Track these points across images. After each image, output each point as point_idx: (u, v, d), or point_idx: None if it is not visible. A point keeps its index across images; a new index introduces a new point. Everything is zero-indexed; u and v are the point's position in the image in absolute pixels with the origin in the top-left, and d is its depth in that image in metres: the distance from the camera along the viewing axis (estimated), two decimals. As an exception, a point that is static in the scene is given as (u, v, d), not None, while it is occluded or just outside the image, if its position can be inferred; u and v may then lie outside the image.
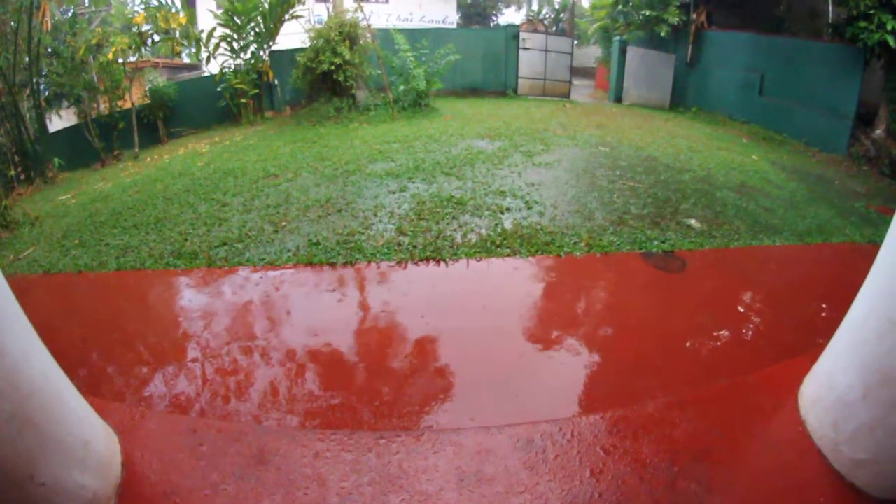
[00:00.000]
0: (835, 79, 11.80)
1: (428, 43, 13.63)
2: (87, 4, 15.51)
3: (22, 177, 11.16)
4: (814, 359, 2.23)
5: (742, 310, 3.67)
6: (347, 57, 11.82)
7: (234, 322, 3.44)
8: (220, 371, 2.93)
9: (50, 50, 12.45)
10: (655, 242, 4.45)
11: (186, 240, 4.84)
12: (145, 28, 13.33)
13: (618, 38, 17.80)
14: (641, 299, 3.73)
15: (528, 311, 3.49)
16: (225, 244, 4.60)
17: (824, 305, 3.67)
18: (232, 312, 3.56)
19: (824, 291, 3.93)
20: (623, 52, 17.24)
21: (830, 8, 14.73)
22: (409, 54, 12.85)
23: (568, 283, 3.92)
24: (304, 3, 14.69)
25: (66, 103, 13.57)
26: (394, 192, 5.56)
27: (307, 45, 12.51)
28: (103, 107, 13.45)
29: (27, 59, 11.72)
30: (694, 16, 16.39)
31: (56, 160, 11.61)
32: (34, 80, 12.17)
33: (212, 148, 10.53)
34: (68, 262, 4.81)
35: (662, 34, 16.42)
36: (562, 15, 33.98)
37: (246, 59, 14.27)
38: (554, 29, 31.80)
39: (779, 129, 12.57)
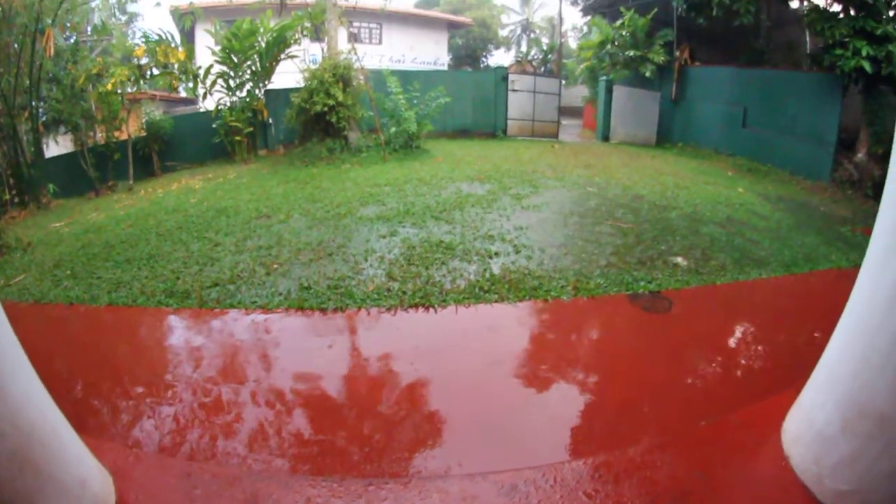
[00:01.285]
0: (815, 107, 12.16)
1: (419, 85, 13.87)
2: (89, 33, 15.80)
3: (16, 200, 11.19)
4: (798, 393, 2.31)
5: (728, 347, 3.75)
6: (340, 98, 12.07)
7: (225, 365, 3.48)
8: (212, 414, 2.96)
9: (51, 75, 12.60)
10: (642, 283, 4.53)
11: (179, 278, 4.90)
12: (144, 61, 13.54)
13: (604, 77, 18.19)
14: (627, 342, 3.80)
15: (516, 358, 3.55)
16: (217, 285, 4.66)
17: (811, 336, 3.74)
18: (224, 355, 3.61)
19: (810, 322, 4.02)
20: (609, 92, 17.60)
21: (808, 38, 15.26)
22: (401, 96, 13.09)
23: (555, 329, 4.00)
24: (299, 44, 15.05)
25: (63, 129, 13.69)
26: (384, 237, 5.65)
27: (302, 84, 12.78)
28: (100, 136, 13.57)
29: (28, 82, 11.85)
30: (677, 53, 16.86)
31: (51, 186, 11.62)
32: (33, 104, 12.31)
33: (205, 184, 10.65)
34: (60, 293, 4.87)
35: (647, 73, 16.86)
36: (549, 56, 34.72)
37: (241, 97, 14.51)
38: (542, 70, 32.43)
39: (763, 159, 12.84)
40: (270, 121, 14.96)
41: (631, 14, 17.27)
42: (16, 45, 11.60)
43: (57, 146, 14.49)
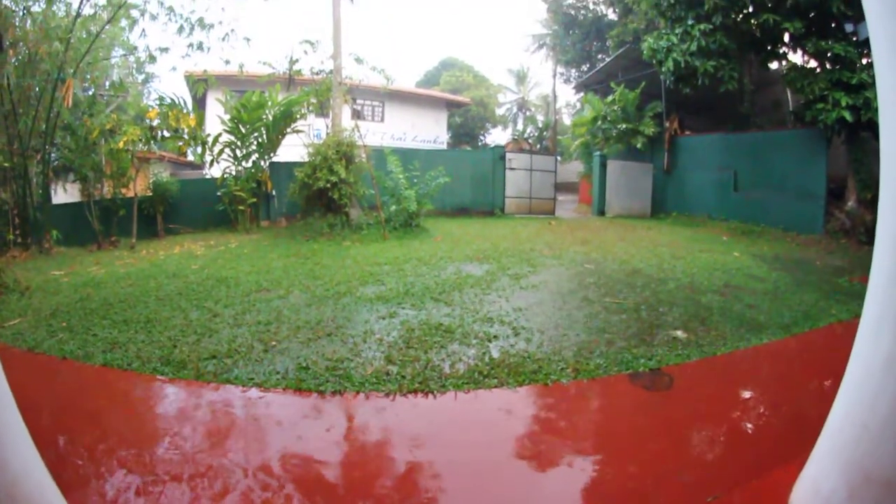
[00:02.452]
0: (802, 162, 12.54)
1: (419, 164, 14.27)
2: (107, 87, 16.47)
3: (19, 240, 11.38)
4: (804, 462, 2.27)
5: (731, 420, 3.68)
6: (343, 175, 12.38)
7: (218, 442, 3.40)
8: (199, 494, 2.87)
9: (66, 123, 12.87)
10: (642, 361, 4.50)
11: (175, 346, 4.87)
12: (156, 123, 13.97)
13: (598, 153, 18.71)
14: (629, 423, 3.74)
15: (516, 444, 3.49)
16: (214, 357, 4.62)
17: (815, 400, 3.72)
18: (216, 432, 3.53)
19: (814, 384, 4.01)
20: (603, 166, 18.05)
21: (789, 97, 15.84)
22: (402, 175, 13.42)
23: (555, 414, 3.95)
24: (305, 119, 15.59)
25: (72, 177, 13.93)
26: (383, 318, 5.66)
27: (306, 158, 13.11)
28: (107, 190, 13.80)
29: (44, 127, 12.20)
30: (667, 124, 17.46)
31: (55, 232, 11.80)
32: (46, 149, 12.61)
33: (207, 251, 10.78)
34: (54, 345, 4.87)
35: (639, 146, 17.40)
36: (545, 133, 35.81)
37: (247, 168, 14.97)
38: (538, 147, 33.34)
39: (756, 220, 13.09)
40: (274, 193, 15.34)
41: (621, 89, 17.98)
42: (37, 89, 12.11)
43: (65, 193, 14.86)
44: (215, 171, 15.60)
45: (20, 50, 11.78)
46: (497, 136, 39.94)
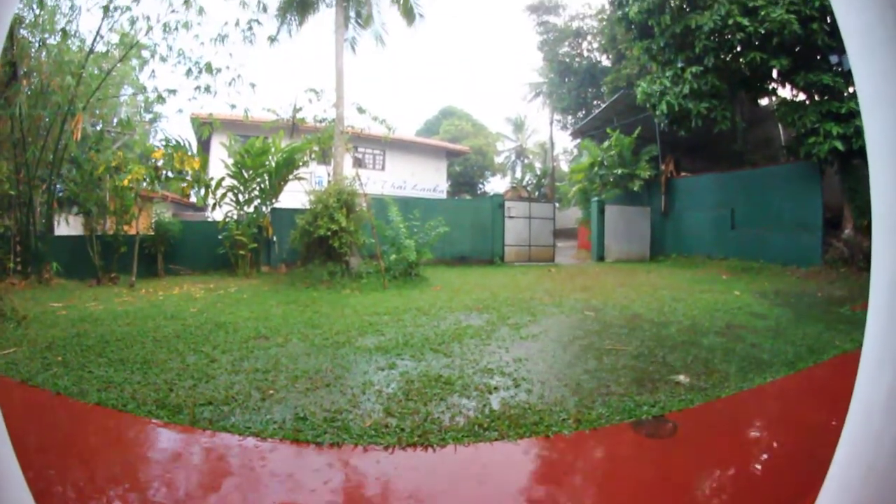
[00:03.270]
0: (797, 196, 12.68)
1: (419, 213, 14.40)
2: (114, 124, 16.81)
3: (19, 268, 11.51)
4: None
5: (737, 465, 3.61)
6: (343, 224, 12.52)
7: (211, 491, 3.31)
8: None
9: (73, 156, 13.13)
10: (645, 408, 4.44)
11: (172, 390, 4.81)
12: (161, 163, 14.10)
13: (596, 199, 18.92)
14: (631, 474, 3.66)
15: (516, 500, 3.41)
16: (211, 403, 4.55)
17: (823, 436, 3.61)
18: (210, 480, 3.45)
19: (821, 420, 3.92)
20: (601, 212, 18.25)
21: (781, 132, 16.09)
22: (402, 225, 13.54)
23: (556, 468, 3.87)
24: (307, 166, 15.82)
25: (76, 210, 14.14)
26: (382, 369, 5.61)
27: (307, 205, 13.31)
28: (109, 226, 13.96)
29: (51, 157, 12.48)
30: (663, 167, 17.72)
31: (55, 264, 11.91)
32: (52, 180, 12.87)
33: (206, 294, 10.76)
34: (48, 379, 4.82)
35: (636, 189, 17.64)
36: (543, 180, 36.27)
37: (249, 213, 15.15)
38: (536, 194, 33.73)
39: (755, 257, 13.17)
40: (275, 238, 15.49)
41: (617, 134, 18.35)
42: (47, 120, 12.46)
43: (67, 226, 15.11)
44: (217, 215, 15.85)
45: (33, 80, 12.13)
46: (496, 184, 40.53)
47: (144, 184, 13.94)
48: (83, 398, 4.56)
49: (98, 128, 14.86)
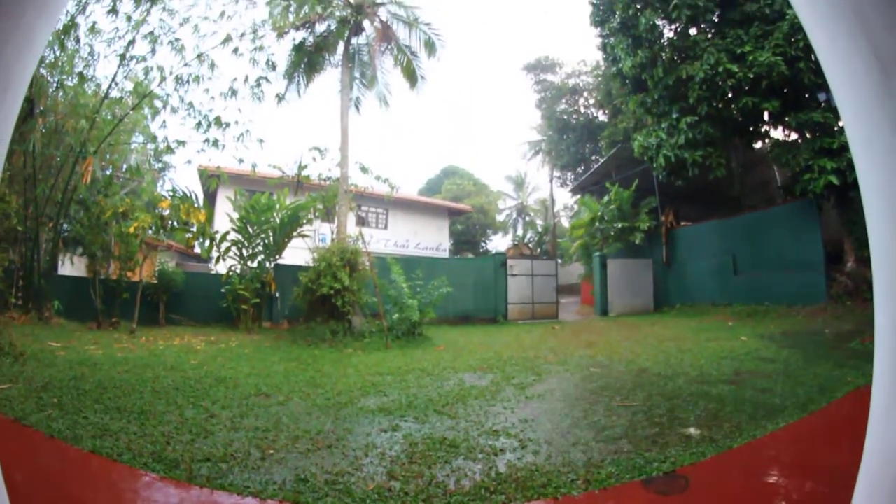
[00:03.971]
0: (797, 234, 12.68)
1: (422, 273, 14.44)
2: (124, 169, 17.20)
3: (20, 303, 11.42)
4: None
5: None
6: (346, 283, 12.61)
7: None
8: None
9: (81, 197, 13.25)
10: (655, 464, 4.31)
11: (169, 443, 4.68)
12: (167, 212, 14.38)
13: (597, 253, 19.00)
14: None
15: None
16: (209, 460, 4.41)
17: (841, 478, 3.48)
18: None
19: (837, 465, 3.78)
20: (604, 266, 18.28)
21: (776, 173, 16.20)
22: (404, 285, 13.52)
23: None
24: (311, 224, 16.01)
25: (80, 251, 14.25)
26: (385, 431, 5.49)
27: (310, 262, 13.47)
28: (113, 270, 14.00)
29: (60, 197, 12.65)
30: (663, 218, 17.82)
31: (56, 303, 11.88)
32: (59, 219, 13.02)
33: (207, 347, 10.70)
34: (42, 420, 4.71)
35: (637, 242, 17.70)
36: (545, 237, 36.53)
37: (252, 268, 15.24)
38: (538, 251, 33.89)
39: (760, 300, 13.04)
40: (277, 295, 15.51)
41: (616, 189, 18.59)
42: (58, 160, 12.68)
43: (71, 266, 15.14)
44: (221, 268, 15.96)
45: (49, 119, 12.39)
46: (498, 242, 40.78)
47: (150, 232, 14.13)
48: (77, 443, 4.45)
49: (108, 172, 15.16)
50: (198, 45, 13.93)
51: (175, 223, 14.58)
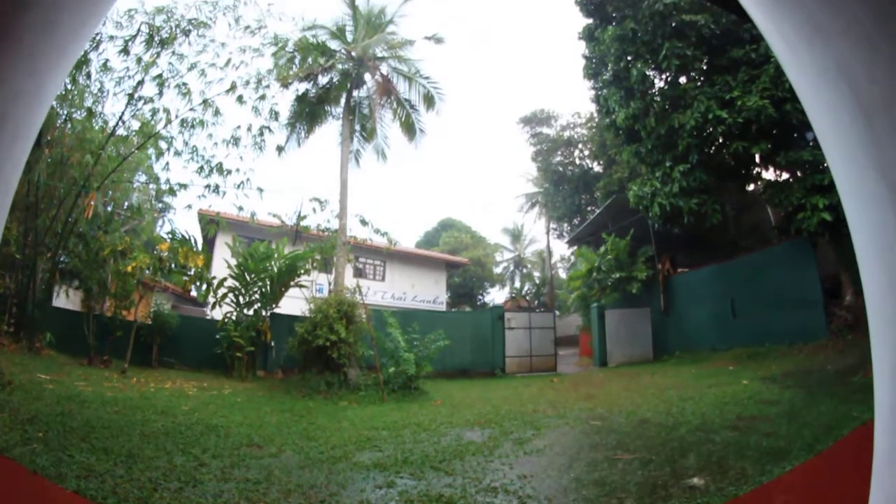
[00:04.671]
0: (794, 273, 12.61)
1: (419, 326, 14.34)
2: (125, 207, 17.15)
3: (11, 330, 11.16)
4: None
5: None
6: (343, 335, 12.51)
7: None
8: None
9: (81, 231, 13.14)
10: (660, 518, 4.17)
11: (156, 490, 4.50)
12: (166, 255, 14.30)
13: (595, 304, 18.93)
14: None
15: None
16: None
17: None
18: None
19: (849, 500, 3.61)
20: (602, 317, 18.20)
21: (770, 214, 16.22)
22: (401, 338, 13.42)
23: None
24: (308, 274, 15.98)
25: (76, 284, 14.05)
26: (380, 487, 5.31)
27: (307, 313, 13.41)
28: (108, 306, 13.81)
29: (60, 229, 12.56)
30: (659, 266, 17.79)
31: (48, 334, 11.60)
32: (58, 251, 12.90)
33: (199, 393, 10.51)
34: (26, 454, 4.56)
35: (635, 291, 17.59)
36: (542, 289, 36.49)
37: (248, 315, 15.06)
38: (536, 302, 33.79)
39: (760, 342, 12.86)
40: (273, 344, 15.35)
41: (612, 239, 18.65)
42: (61, 191, 12.60)
43: (66, 300, 14.86)
44: (217, 313, 15.82)
45: (55, 151, 12.42)
46: (495, 295, 40.63)
47: (147, 272, 14.11)
48: (61, 482, 4.28)
49: (109, 209, 15.21)
50: (204, 91, 14.19)
51: (173, 266, 14.58)
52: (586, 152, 30.53)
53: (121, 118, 13.62)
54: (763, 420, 6.49)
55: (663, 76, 14.65)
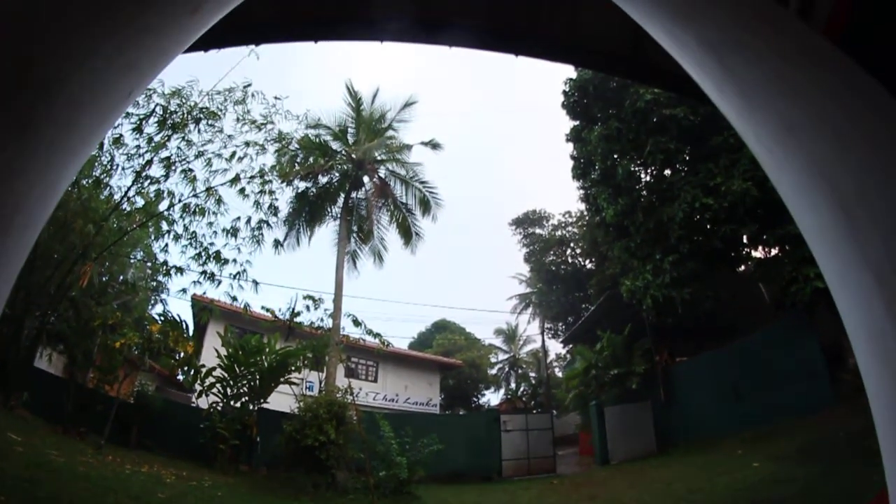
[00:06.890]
0: (795, 347, 12.42)
1: (412, 430, 13.93)
2: (119, 280, 16.85)
3: None
4: None
5: None
6: (332, 436, 12.12)
7: None
8: None
9: (73, 297, 12.80)
10: None
11: None
12: (156, 336, 13.87)
13: (594, 402, 18.51)
14: None
15: None
16: None
17: None
18: None
19: None
20: (601, 414, 17.80)
21: (764, 291, 16.05)
22: (393, 441, 13.04)
23: None
24: (299, 372, 15.63)
25: (61, 348, 13.65)
26: None
27: (295, 410, 13.12)
28: (91, 377, 13.32)
29: (53, 290, 12.28)
30: (657, 358, 17.49)
31: (25, 394, 11.13)
32: (47, 312, 12.55)
33: (177, 482, 9.80)
34: None
35: (633, 385, 17.21)
36: (539, 389, 35.73)
37: (235, 408, 14.53)
38: (532, 403, 33.01)
39: (767, 421, 12.41)
40: (259, 439, 14.64)
41: (608, 335, 18.49)
42: (57, 256, 12.47)
43: (49, 363, 14.27)
44: (203, 402, 15.26)
45: (58, 213, 12.29)
46: (491, 397, 39.74)
47: (136, 351, 13.79)
48: None
49: (104, 279, 14.98)
50: (208, 179, 14.46)
51: (162, 349, 14.24)
52: (578, 250, 31.03)
53: (126, 193, 13.84)
54: (779, 502, 6.20)
55: (649, 170, 15.21)
